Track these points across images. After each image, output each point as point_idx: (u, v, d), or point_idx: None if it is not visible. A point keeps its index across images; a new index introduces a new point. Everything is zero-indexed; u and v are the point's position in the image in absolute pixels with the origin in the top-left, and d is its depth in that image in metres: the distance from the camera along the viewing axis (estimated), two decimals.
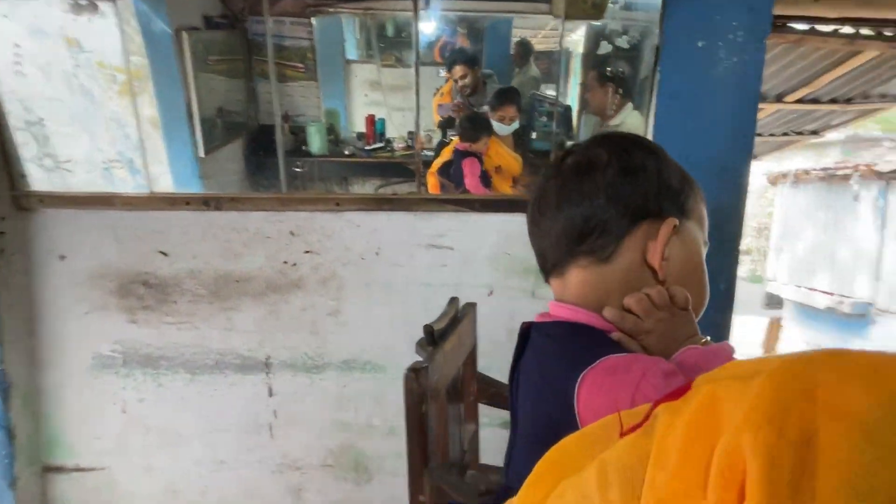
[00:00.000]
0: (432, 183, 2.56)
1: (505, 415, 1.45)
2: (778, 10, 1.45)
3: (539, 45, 3.31)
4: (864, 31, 1.69)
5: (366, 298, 1.51)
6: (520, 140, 2.61)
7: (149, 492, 1.60)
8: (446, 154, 2.51)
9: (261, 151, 3.22)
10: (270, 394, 1.55)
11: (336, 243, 1.48)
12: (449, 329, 0.98)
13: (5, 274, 1.42)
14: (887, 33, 1.72)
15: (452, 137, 3.15)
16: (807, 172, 5.33)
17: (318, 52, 3.55)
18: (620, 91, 1.89)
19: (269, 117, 3.50)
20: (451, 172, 2.46)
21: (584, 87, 2.46)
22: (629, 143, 0.61)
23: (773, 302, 6.46)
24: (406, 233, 1.48)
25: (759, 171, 6.02)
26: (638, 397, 0.46)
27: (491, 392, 1.20)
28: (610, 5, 1.55)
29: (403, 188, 3.12)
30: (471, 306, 1.20)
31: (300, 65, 3.57)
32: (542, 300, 1.52)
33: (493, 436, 1.63)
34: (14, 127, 1.46)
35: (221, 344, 1.52)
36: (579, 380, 0.50)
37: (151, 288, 1.49)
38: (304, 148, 3.34)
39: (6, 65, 1.43)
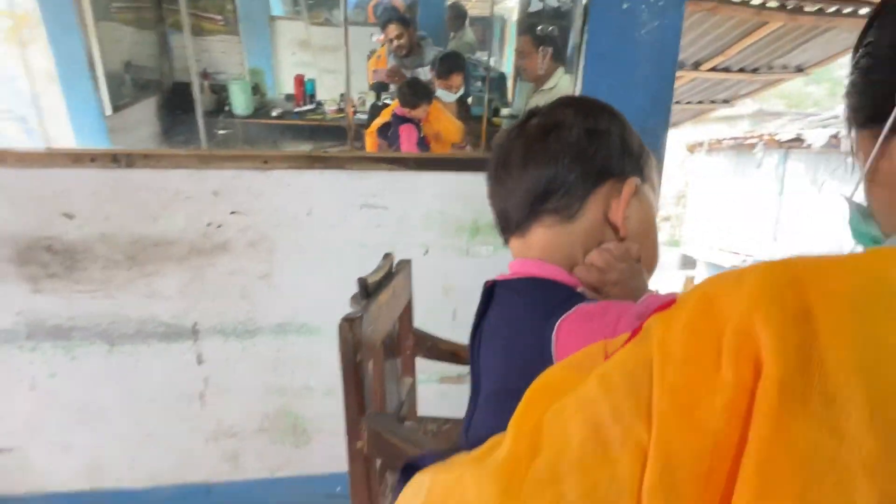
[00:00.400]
0: (370, 142, 2.51)
1: (441, 368, 1.49)
2: None
3: (473, 9, 3.27)
4: (770, 2, 1.83)
5: (299, 260, 1.47)
6: (463, 106, 2.60)
7: (69, 470, 1.51)
8: (386, 115, 2.45)
9: (177, 110, 2.98)
10: (199, 361, 1.49)
11: (265, 204, 1.42)
12: (383, 282, 0.98)
13: None
14: (789, 5, 1.87)
15: (387, 101, 3.08)
16: (719, 141, 5.74)
17: (238, 5, 3.31)
18: (552, 53, 1.92)
19: (185, 74, 3.23)
20: (388, 135, 2.42)
21: (519, 53, 2.48)
22: (593, 106, 0.62)
23: (688, 262, 7.01)
24: (339, 192, 1.45)
25: (678, 140, 6.42)
26: None
27: (428, 346, 1.23)
28: None
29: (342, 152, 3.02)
30: (406, 262, 1.20)
31: (219, 17, 3.30)
32: (475, 259, 1.56)
33: (428, 390, 1.68)
34: None
35: (142, 312, 1.43)
36: (556, 327, 0.51)
37: (57, 254, 1.36)
38: (226, 108, 3.13)
39: None
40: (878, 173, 0.38)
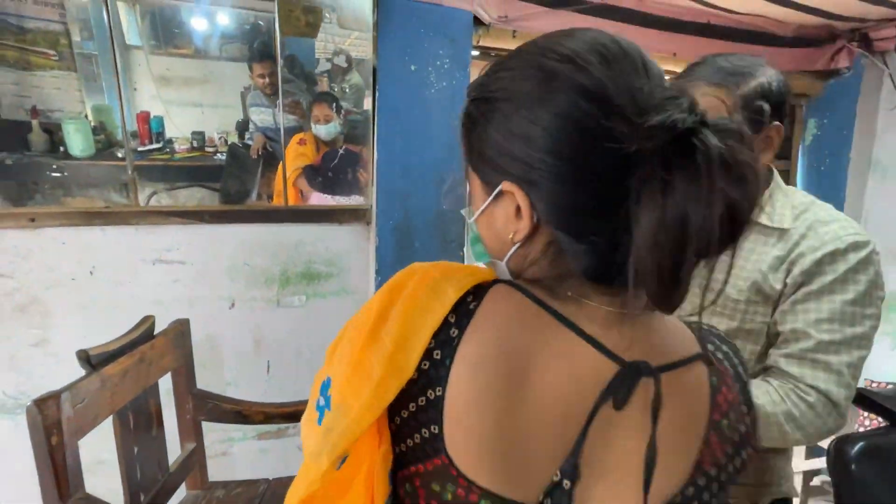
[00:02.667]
0: (294, 193, 2.23)
1: (258, 428, 1.43)
2: (486, 43, 1.69)
3: (354, 51, 3.31)
4: None
5: (81, 323, 1.36)
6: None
7: None
8: (300, 159, 2.19)
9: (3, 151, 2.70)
10: None
11: (35, 264, 1.31)
12: (123, 350, 0.94)
13: None
14: None
15: (248, 142, 3.02)
16: None
17: (73, 39, 3.10)
18: None
19: (13, 111, 2.94)
20: (331, 168, 2.15)
21: None
22: None
23: None
24: (127, 248, 1.37)
25: None
26: None
27: (209, 407, 1.19)
28: (326, 24, 1.65)
29: (194, 193, 2.88)
30: (180, 322, 1.17)
31: (51, 52, 3.06)
32: (287, 309, 1.54)
33: (247, 448, 1.61)
34: None
35: None
36: None
37: None
38: (62, 149, 2.88)
39: None
40: (483, 214, 0.44)
